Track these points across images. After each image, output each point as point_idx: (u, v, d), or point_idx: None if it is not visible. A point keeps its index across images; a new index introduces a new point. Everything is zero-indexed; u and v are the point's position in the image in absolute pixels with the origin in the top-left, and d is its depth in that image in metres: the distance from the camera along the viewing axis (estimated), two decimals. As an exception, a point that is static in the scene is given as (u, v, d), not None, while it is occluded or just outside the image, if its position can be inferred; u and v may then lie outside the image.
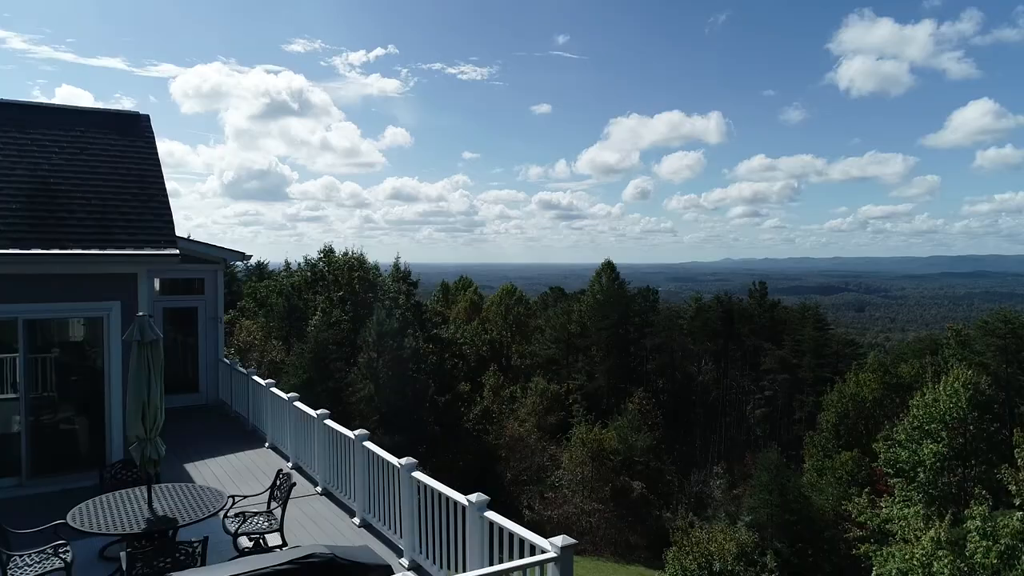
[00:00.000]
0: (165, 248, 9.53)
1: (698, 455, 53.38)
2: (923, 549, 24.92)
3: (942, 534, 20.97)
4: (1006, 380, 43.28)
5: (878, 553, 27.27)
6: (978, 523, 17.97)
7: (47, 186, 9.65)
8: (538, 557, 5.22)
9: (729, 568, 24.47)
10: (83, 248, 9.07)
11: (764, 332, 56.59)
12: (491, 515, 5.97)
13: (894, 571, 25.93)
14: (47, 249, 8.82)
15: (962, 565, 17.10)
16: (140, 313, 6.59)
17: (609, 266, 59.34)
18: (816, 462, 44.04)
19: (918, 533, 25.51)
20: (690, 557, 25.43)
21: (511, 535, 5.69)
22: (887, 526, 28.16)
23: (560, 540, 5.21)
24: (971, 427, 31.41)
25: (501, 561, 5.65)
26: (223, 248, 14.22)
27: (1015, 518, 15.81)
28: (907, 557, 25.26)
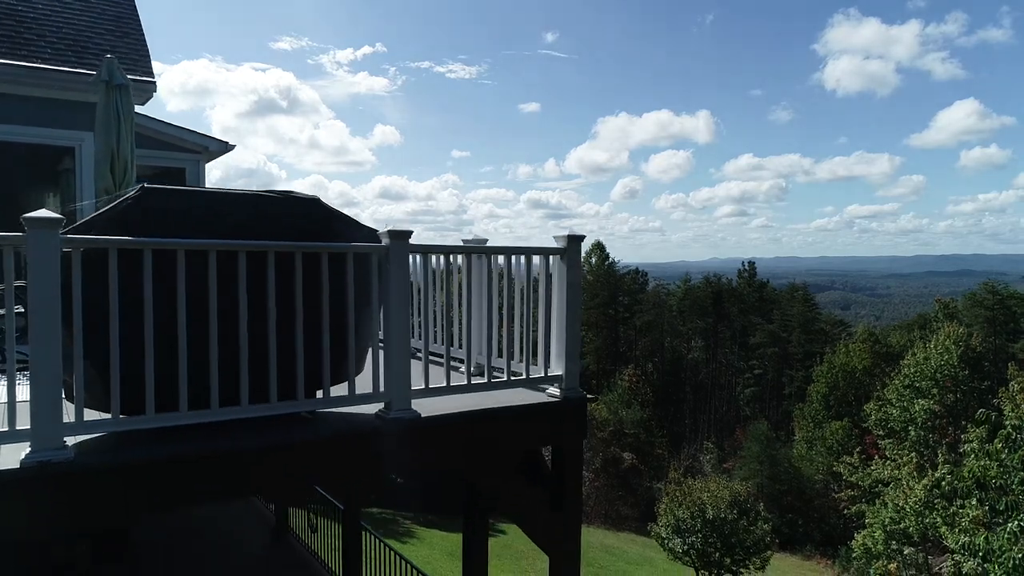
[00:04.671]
0: (141, 75, 9.03)
1: (688, 433, 53.10)
2: (916, 497, 24.71)
3: (944, 471, 20.74)
4: (994, 351, 43.37)
5: (872, 508, 27.06)
6: (975, 446, 17.64)
7: (14, 11, 9.13)
8: (543, 246, 4.82)
9: (723, 516, 24.03)
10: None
11: (754, 310, 56.54)
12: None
13: (887, 520, 25.71)
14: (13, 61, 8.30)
15: (961, 486, 16.72)
16: (108, 56, 6.09)
17: (599, 246, 59.10)
18: (806, 433, 43.89)
19: (912, 483, 25.32)
20: (683, 507, 24.99)
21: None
22: (877, 488, 27.98)
23: (567, 231, 4.82)
24: (962, 385, 31.29)
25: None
26: (204, 135, 13.56)
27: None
28: (900, 506, 25.05)
